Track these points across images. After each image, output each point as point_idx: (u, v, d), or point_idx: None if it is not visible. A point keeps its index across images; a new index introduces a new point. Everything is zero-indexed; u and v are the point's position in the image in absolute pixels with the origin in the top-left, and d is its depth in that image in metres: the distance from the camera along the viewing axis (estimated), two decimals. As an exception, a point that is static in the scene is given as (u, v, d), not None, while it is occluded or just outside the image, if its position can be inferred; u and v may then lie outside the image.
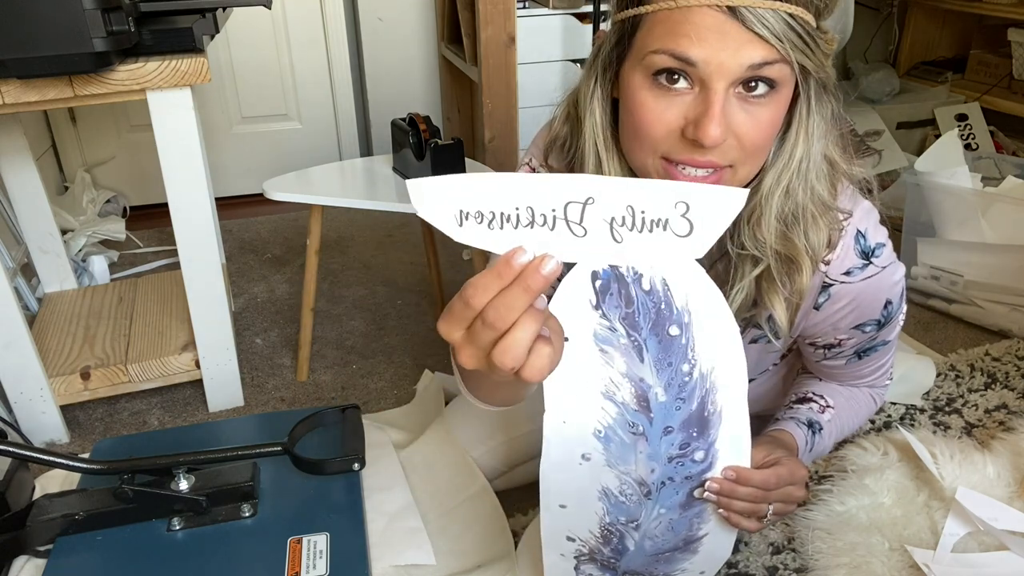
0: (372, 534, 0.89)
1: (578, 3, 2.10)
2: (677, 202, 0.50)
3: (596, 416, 0.65)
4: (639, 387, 0.64)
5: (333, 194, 1.43)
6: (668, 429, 0.67)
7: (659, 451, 0.67)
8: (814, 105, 0.69)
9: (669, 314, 0.61)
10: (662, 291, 0.60)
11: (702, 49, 0.61)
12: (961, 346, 1.60)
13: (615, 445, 0.67)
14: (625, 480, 0.69)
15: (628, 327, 0.61)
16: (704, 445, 0.68)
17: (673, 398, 0.65)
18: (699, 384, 0.65)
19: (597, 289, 0.59)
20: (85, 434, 1.39)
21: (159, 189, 1.25)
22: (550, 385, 0.63)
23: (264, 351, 1.65)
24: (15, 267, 1.64)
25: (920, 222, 1.76)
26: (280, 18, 2.36)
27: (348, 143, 2.59)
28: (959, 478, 1.12)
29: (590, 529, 0.73)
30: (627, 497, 0.70)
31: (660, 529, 0.73)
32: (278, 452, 0.88)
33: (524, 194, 0.49)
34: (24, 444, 1.00)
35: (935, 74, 2.66)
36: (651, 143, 0.67)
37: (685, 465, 0.69)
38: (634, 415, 0.65)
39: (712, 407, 0.66)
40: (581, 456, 0.67)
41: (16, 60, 1.00)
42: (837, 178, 0.74)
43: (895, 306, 0.81)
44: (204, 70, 1.17)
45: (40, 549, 0.86)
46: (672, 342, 0.62)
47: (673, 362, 0.63)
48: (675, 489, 0.71)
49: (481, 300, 0.48)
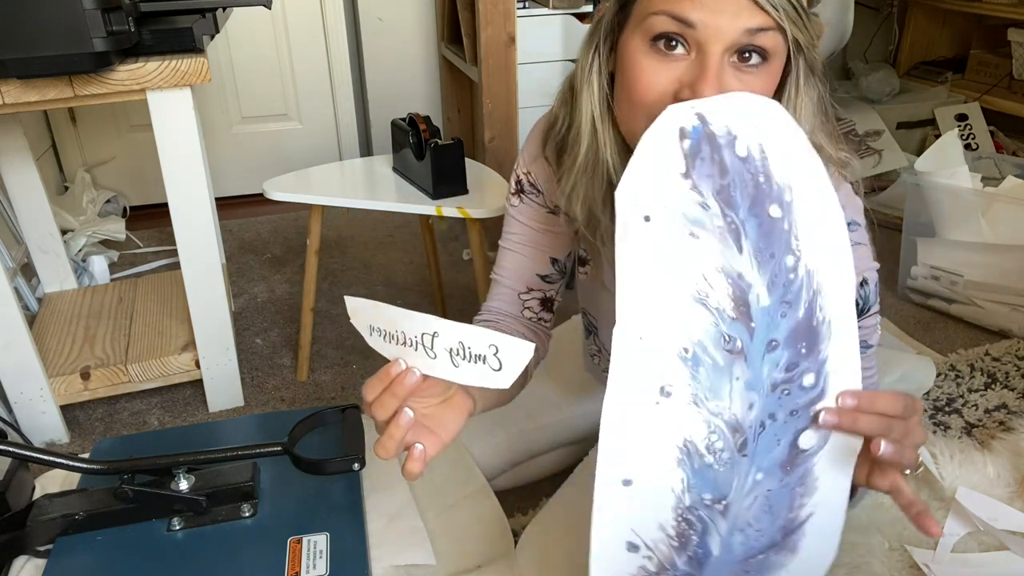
0: (372, 534, 0.89)
1: (578, 3, 2.10)
2: (489, 344, 0.56)
3: (683, 328, 0.53)
4: (738, 286, 0.53)
5: (333, 194, 1.43)
6: (772, 344, 0.54)
7: (761, 375, 0.55)
8: (802, 85, 0.70)
9: (769, 189, 0.52)
10: (759, 160, 0.52)
11: (701, 12, 0.62)
12: (961, 346, 1.60)
13: (705, 370, 0.54)
14: (715, 425, 0.55)
15: (723, 204, 0.52)
16: (814, 366, 0.55)
17: (778, 301, 0.53)
18: (805, 284, 0.54)
19: (686, 151, 0.51)
20: (85, 434, 1.39)
21: (159, 189, 1.25)
22: (626, 289, 0.53)
23: (264, 351, 1.65)
24: (15, 267, 1.64)
25: (920, 222, 1.76)
26: (280, 18, 2.36)
27: (348, 143, 2.59)
28: (959, 478, 1.12)
29: (661, 523, 0.58)
30: (716, 455, 0.56)
31: (755, 511, 0.58)
32: (278, 452, 0.88)
33: (399, 323, 0.59)
34: (24, 444, 1.00)
35: (935, 74, 2.66)
36: (645, 108, 0.67)
37: (792, 394, 0.55)
38: (732, 325, 0.53)
39: (822, 314, 0.54)
40: (660, 390, 0.54)
41: (16, 60, 1.00)
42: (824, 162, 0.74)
43: (870, 291, 0.79)
44: (204, 70, 1.17)
45: (40, 549, 0.86)
46: (774, 226, 0.52)
47: (776, 253, 0.53)
48: (776, 435, 0.56)
49: (369, 396, 0.62)
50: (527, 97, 2.00)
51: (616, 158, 0.75)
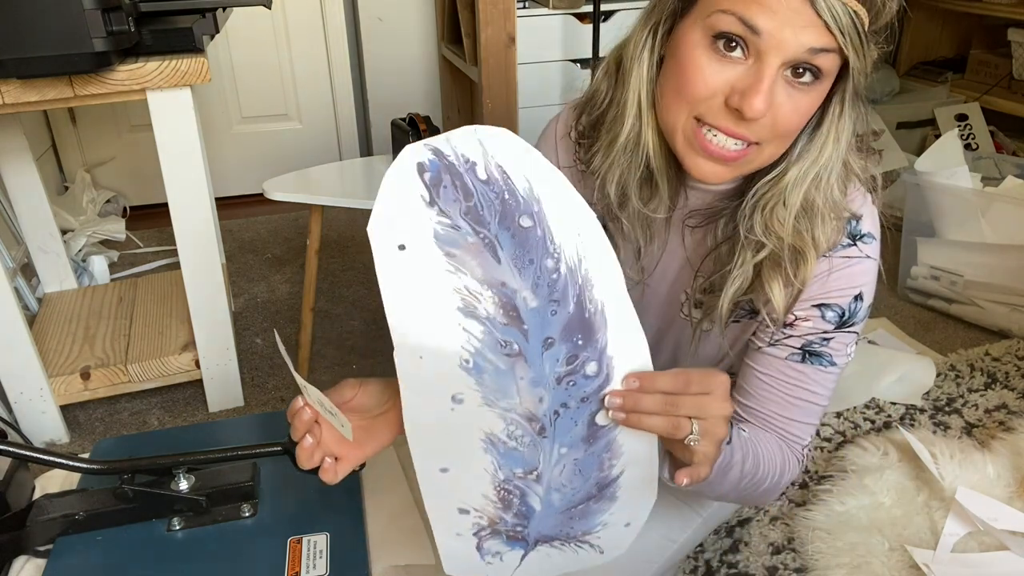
0: (372, 534, 0.89)
1: (578, 3, 2.10)
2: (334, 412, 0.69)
3: (459, 341, 0.56)
4: (503, 294, 0.56)
5: (333, 194, 1.43)
6: (549, 341, 0.58)
7: (543, 372, 0.58)
8: (847, 108, 0.70)
9: (516, 204, 0.55)
10: (501, 179, 0.55)
11: (770, 21, 0.62)
12: (961, 346, 1.60)
13: (489, 375, 0.58)
14: (511, 419, 0.59)
15: (473, 223, 0.55)
16: (594, 354, 0.58)
17: (545, 300, 0.57)
18: (569, 280, 0.57)
19: (427, 182, 0.54)
20: (85, 434, 1.39)
21: (159, 189, 1.25)
22: (395, 311, 0.55)
23: (264, 351, 1.65)
24: (15, 267, 1.64)
25: (920, 222, 1.76)
26: (280, 18, 2.36)
27: (348, 143, 2.59)
28: (959, 478, 1.12)
29: (483, 493, 0.63)
30: (518, 440, 0.60)
31: (566, 475, 0.63)
32: (278, 452, 0.87)
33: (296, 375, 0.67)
34: (24, 444, 1.00)
35: (935, 74, 2.66)
36: (691, 102, 0.67)
37: (578, 384, 0.59)
38: (504, 330, 0.57)
39: (592, 305, 0.58)
40: (451, 399, 0.58)
41: (16, 60, 1.00)
42: (849, 178, 0.75)
43: (861, 308, 0.79)
44: (204, 70, 1.17)
45: (40, 549, 0.86)
46: (527, 235, 0.56)
47: (534, 258, 0.56)
48: (572, 418, 0.60)
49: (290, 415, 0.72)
50: (527, 97, 2.00)
51: (656, 140, 0.74)
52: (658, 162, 0.74)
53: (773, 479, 0.79)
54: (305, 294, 1.49)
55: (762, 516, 1.13)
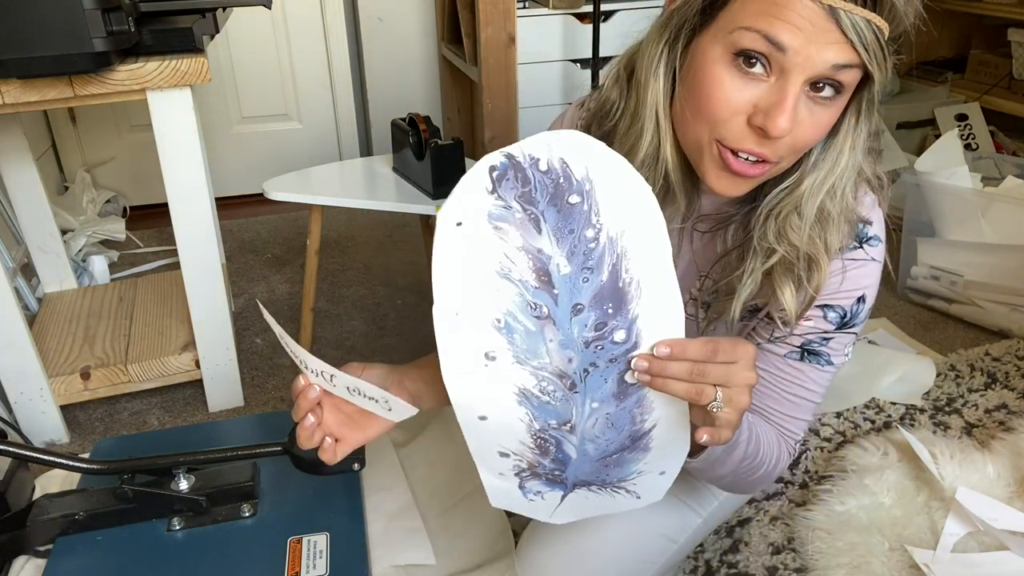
0: (372, 534, 0.89)
1: (578, 3, 2.10)
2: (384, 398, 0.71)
3: (492, 302, 0.60)
4: (537, 259, 0.59)
5: (333, 194, 1.43)
6: (577, 307, 0.60)
7: (572, 335, 0.61)
8: (863, 118, 0.69)
9: (568, 186, 0.58)
10: (560, 168, 0.58)
11: (795, 38, 0.61)
12: (961, 346, 1.60)
13: (520, 336, 0.61)
14: (542, 376, 0.62)
15: (524, 203, 0.58)
16: (623, 323, 0.60)
17: (578, 268, 0.59)
18: (607, 250, 0.59)
19: (494, 178, 0.58)
20: (85, 434, 1.39)
21: (159, 189, 1.25)
22: (438, 273, 0.59)
23: (264, 351, 1.65)
24: (15, 267, 1.64)
25: (920, 222, 1.76)
26: (280, 18, 2.36)
27: (348, 143, 2.59)
28: (959, 478, 1.12)
29: (521, 440, 0.66)
30: (550, 395, 0.63)
31: (599, 428, 0.65)
32: (278, 452, 0.87)
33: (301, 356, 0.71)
34: (24, 444, 1.00)
35: (935, 74, 2.66)
36: (712, 122, 0.66)
37: (606, 348, 0.61)
38: (535, 293, 0.60)
39: (627, 276, 0.59)
40: (484, 355, 0.61)
41: (16, 60, 1.00)
42: (860, 183, 0.75)
43: (863, 310, 0.79)
44: (204, 70, 1.17)
45: (40, 549, 0.86)
46: (572, 209, 0.58)
47: (575, 228, 0.58)
48: (602, 376, 0.63)
49: (293, 394, 0.74)
50: (527, 97, 2.00)
51: (675, 155, 0.73)
52: (676, 175, 0.74)
53: (768, 466, 0.81)
54: (305, 294, 1.49)
55: (762, 516, 1.13)
